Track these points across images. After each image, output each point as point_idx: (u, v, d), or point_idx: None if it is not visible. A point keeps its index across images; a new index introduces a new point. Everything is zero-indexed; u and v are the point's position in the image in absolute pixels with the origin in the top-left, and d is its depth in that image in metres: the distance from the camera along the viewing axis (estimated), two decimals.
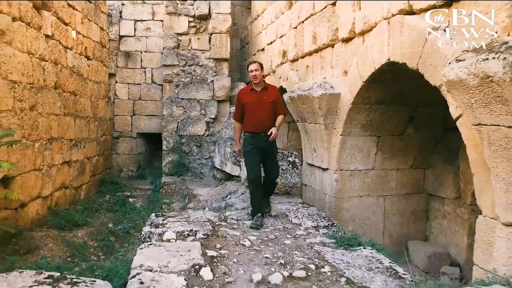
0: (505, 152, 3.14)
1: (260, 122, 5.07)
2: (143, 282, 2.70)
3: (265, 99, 5.12)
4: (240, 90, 5.61)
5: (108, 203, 8.97)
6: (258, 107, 5.10)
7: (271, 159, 5.27)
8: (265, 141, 5.05)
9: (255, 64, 5.17)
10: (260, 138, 5.07)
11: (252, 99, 5.16)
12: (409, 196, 6.86)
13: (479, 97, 3.16)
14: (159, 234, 3.85)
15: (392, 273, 3.26)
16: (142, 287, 2.62)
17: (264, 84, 5.27)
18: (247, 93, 5.29)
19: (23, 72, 6.35)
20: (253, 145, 5.09)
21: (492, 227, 3.42)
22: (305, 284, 2.88)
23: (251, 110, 5.15)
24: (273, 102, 5.16)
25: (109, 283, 3.26)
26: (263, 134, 5.04)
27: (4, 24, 5.80)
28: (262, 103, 5.10)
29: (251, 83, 5.29)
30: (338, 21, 6.26)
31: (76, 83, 8.90)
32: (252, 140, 5.13)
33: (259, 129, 5.07)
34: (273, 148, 5.27)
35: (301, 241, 4.09)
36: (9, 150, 5.75)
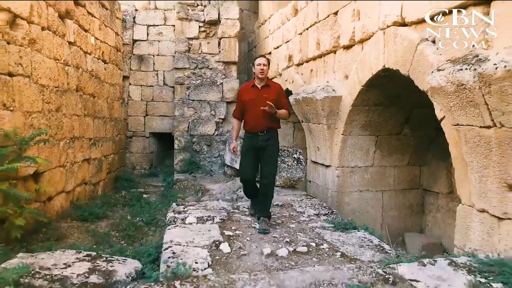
0: (478, 148, 3.67)
1: (258, 121, 4.76)
2: (175, 252, 3.30)
3: (265, 97, 4.71)
4: (242, 87, 5.32)
5: (124, 199, 9.54)
6: (256, 105, 4.73)
7: (268, 163, 4.81)
8: (263, 140, 4.76)
9: (264, 59, 4.94)
10: (257, 138, 4.78)
11: (251, 96, 4.86)
12: (406, 191, 7.37)
13: (456, 101, 3.70)
14: (182, 219, 4.45)
15: (379, 249, 3.83)
16: (175, 255, 3.23)
17: (267, 81, 4.96)
18: (247, 89, 5.00)
19: (50, 77, 6.95)
20: (249, 146, 4.85)
21: (469, 214, 3.95)
22: (306, 257, 3.45)
23: (250, 108, 4.82)
24: (273, 101, 4.72)
25: (138, 261, 3.84)
26: (260, 133, 4.76)
27: (35, 33, 6.39)
28: (261, 101, 4.69)
29: (254, 78, 4.96)
30: (340, 30, 6.80)
31: (95, 85, 9.49)
32: (249, 141, 4.88)
33: (256, 129, 4.78)
34: (272, 150, 4.86)
35: (304, 225, 4.67)
36: (39, 147, 6.34)
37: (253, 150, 4.82)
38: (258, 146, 4.78)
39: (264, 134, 4.76)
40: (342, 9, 6.68)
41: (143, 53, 12.60)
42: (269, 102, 4.60)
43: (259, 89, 4.84)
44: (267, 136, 4.76)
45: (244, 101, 4.92)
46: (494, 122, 3.41)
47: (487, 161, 3.62)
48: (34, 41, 6.36)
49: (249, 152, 4.85)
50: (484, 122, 3.51)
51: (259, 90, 4.84)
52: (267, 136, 4.77)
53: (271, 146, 4.81)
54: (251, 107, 4.80)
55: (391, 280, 2.62)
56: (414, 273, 2.75)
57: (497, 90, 3.18)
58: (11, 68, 5.67)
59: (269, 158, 4.80)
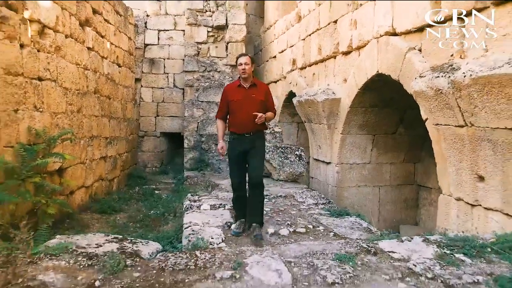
0: (454, 145, 4.24)
1: (246, 123, 4.52)
2: (194, 230, 3.92)
3: (254, 97, 4.56)
4: (226, 87, 4.93)
5: (138, 194, 10.16)
6: (244, 106, 4.52)
7: (253, 158, 4.58)
8: (250, 141, 4.56)
9: (246, 57, 4.63)
10: (244, 139, 4.56)
11: (238, 96, 4.58)
12: (401, 186, 7.93)
13: (435, 104, 4.26)
14: (197, 206, 5.07)
15: (367, 230, 4.42)
16: (194, 232, 3.85)
17: (253, 80, 4.70)
18: (234, 89, 4.69)
19: (72, 80, 7.57)
20: (238, 151, 4.61)
21: (448, 202, 4.52)
22: (304, 236, 4.04)
23: (237, 108, 4.57)
24: (262, 102, 4.61)
25: (158, 243, 4.44)
26: (246, 135, 4.55)
27: (60, 41, 7.01)
28: (249, 102, 4.53)
29: (239, 78, 4.71)
30: (339, 37, 7.37)
31: (110, 88, 10.12)
32: (236, 143, 4.62)
33: (244, 130, 4.55)
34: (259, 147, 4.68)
35: (303, 212, 5.26)
36: (64, 145, 6.96)
37: (240, 154, 4.60)
38: (246, 149, 4.57)
39: (251, 136, 4.56)
40: (341, 18, 7.25)
41: (154, 56, 13.22)
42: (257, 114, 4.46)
43: (246, 89, 4.59)
44: (253, 138, 4.57)
45: (230, 101, 4.62)
46: (465, 122, 3.97)
47: (462, 155, 4.18)
48: (59, 48, 6.98)
49: (237, 157, 4.62)
50: (458, 122, 4.08)
51: (246, 90, 4.59)
52: (255, 137, 4.58)
53: (258, 146, 4.62)
54: (239, 107, 4.55)
55: (372, 251, 3.19)
56: (393, 247, 3.33)
57: (466, 94, 3.75)
58: (40, 73, 6.29)
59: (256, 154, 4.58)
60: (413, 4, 5.09)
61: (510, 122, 3.45)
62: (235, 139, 4.63)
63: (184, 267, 2.82)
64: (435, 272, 2.80)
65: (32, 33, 6.10)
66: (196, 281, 2.64)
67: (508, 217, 3.68)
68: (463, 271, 2.83)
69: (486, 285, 2.61)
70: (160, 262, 2.95)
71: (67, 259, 3.03)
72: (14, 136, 5.54)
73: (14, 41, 5.56)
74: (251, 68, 4.63)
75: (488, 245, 3.31)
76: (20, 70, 5.70)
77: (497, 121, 3.58)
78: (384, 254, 3.18)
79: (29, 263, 2.89)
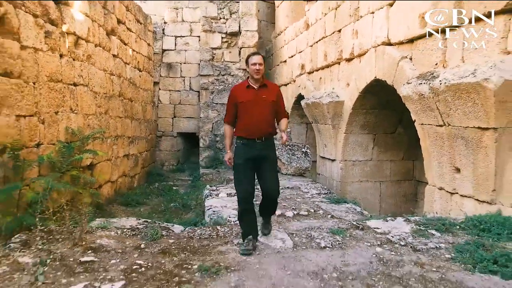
0: (436, 141, 4.93)
1: (257, 126, 4.03)
2: (214, 211, 4.71)
3: (264, 98, 4.10)
4: (234, 87, 4.38)
5: (157, 190, 10.97)
6: (255, 108, 4.06)
7: (269, 171, 4.08)
8: (261, 149, 4.02)
9: (259, 57, 4.16)
10: (255, 146, 4.00)
11: (248, 98, 4.10)
12: (400, 182, 8.60)
13: (420, 106, 4.97)
14: (216, 194, 5.87)
15: (360, 214, 5.16)
16: (214, 212, 4.63)
17: (264, 80, 4.21)
18: (243, 90, 4.19)
19: (101, 85, 8.39)
20: (246, 157, 3.99)
21: (433, 191, 5.21)
22: (306, 217, 4.75)
23: (247, 111, 4.08)
24: (274, 103, 4.15)
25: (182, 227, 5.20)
26: (258, 140, 4.01)
27: (91, 50, 7.84)
28: (260, 103, 4.08)
29: (248, 79, 4.24)
30: (342, 45, 8.08)
31: (132, 91, 10.95)
32: (245, 150, 4.03)
33: (255, 135, 4.01)
34: (271, 157, 4.15)
35: (307, 200, 5.99)
36: (94, 143, 7.77)
37: (251, 162, 4.00)
38: (256, 156, 3.99)
39: (263, 142, 4.03)
40: (344, 28, 7.96)
41: (171, 61, 14.05)
42: (284, 136, 4.10)
43: (256, 90, 4.13)
44: (266, 144, 4.06)
45: (240, 103, 4.12)
46: (444, 122, 4.67)
47: (442, 151, 4.88)
48: (90, 56, 7.80)
49: (245, 165, 4.00)
50: (438, 122, 4.77)
51: (256, 91, 4.12)
52: (266, 143, 4.07)
53: (270, 155, 4.13)
54: (249, 109, 4.07)
55: (360, 227, 3.92)
56: (378, 225, 4.04)
57: (443, 99, 4.45)
58: (75, 79, 7.11)
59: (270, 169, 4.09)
60: (405, 19, 5.79)
61: (476, 122, 4.14)
62: (244, 144, 4.05)
63: (208, 236, 3.59)
64: (407, 241, 3.53)
65: (69, 44, 6.92)
66: (218, 245, 3.40)
67: (478, 202, 4.36)
68: (431, 240, 3.55)
69: (445, 249, 3.32)
70: (189, 233, 3.72)
71: (114, 231, 3.81)
72: (55, 135, 6.36)
73: (56, 52, 6.39)
74: (264, 69, 4.18)
75: (457, 224, 4.02)
76: (60, 77, 6.52)
77: (467, 121, 4.27)
78: (370, 230, 3.91)
79: (87, 233, 3.67)
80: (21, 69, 5.40)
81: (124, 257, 3.14)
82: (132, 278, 2.74)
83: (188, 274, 2.86)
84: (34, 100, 5.76)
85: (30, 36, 5.63)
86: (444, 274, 2.83)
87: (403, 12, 5.87)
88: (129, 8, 10.60)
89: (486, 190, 4.23)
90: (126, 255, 3.18)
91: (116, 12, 9.40)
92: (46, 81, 6.09)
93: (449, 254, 3.21)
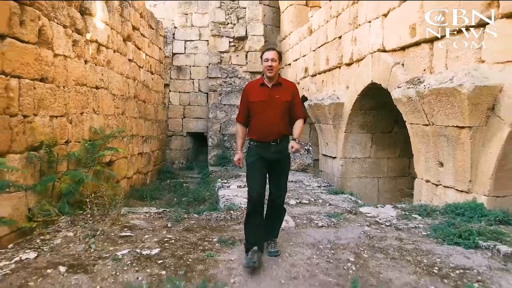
0: (423, 139, 5.56)
1: (269, 129, 3.77)
2: (227, 199, 5.38)
3: (278, 98, 3.82)
4: (247, 85, 4.12)
5: (169, 186, 11.65)
6: (267, 109, 3.80)
7: (279, 177, 3.87)
8: (275, 152, 3.76)
9: (273, 52, 3.85)
10: (269, 148, 3.76)
11: (261, 97, 3.84)
12: (397, 178, 9.21)
13: (408, 108, 5.60)
14: (227, 186, 6.55)
15: (354, 202, 5.82)
16: (227, 200, 5.29)
17: (279, 78, 3.93)
18: (256, 89, 3.94)
19: (118, 88, 9.07)
20: (259, 156, 3.78)
21: (421, 183, 5.84)
22: (307, 205, 5.39)
23: (259, 111, 3.84)
24: (288, 103, 3.85)
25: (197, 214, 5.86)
26: (272, 143, 3.76)
27: (110, 56, 8.52)
28: (272, 104, 3.81)
29: (262, 76, 3.97)
30: (343, 50, 8.71)
31: (145, 93, 11.63)
32: (257, 150, 3.81)
33: (268, 137, 3.77)
34: (285, 163, 3.91)
35: (308, 191, 6.66)
36: (113, 142, 8.45)
37: (263, 161, 3.77)
38: (269, 158, 3.77)
39: (277, 144, 3.77)
40: (344, 35, 8.60)
41: (181, 64, 14.74)
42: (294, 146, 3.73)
43: (270, 88, 3.85)
44: (280, 147, 3.79)
45: (252, 102, 3.89)
46: (429, 121, 5.29)
47: (428, 147, 5.50)
48: (109, 62, 8.48)
49: (258, 163, 3.77)
50: (424, 121, 5.40)
51: (270, 89, 3.85)
52: (281, 146, 3.80)
53: (284, 159, 3.88)
54: (262, 110, 3.82)
55: (353, 212, 4.56)
56: (369, 210, 4.68)
57: (427, 101, 5.08)
58: (97, 83, 7.79)
59: (282, 174, 3.88)
60: (397, 29, 6.42)
61: (455, 122, 4.76)
62: (257, 146, 3.82)
63: (223, 218, 4.24)
64: (392, 222, 4.17)
65: (92, 51, 7.60)
66: (232, 225, 4.06)
67: (458, 191, 4.98)
68: (412, 222, 4.19)
69: (423, 229, 3.96)
70: (207, 216, 4.38)
71: (143, 215, 4.48)
72: (80, 133, 7.04)
73: (81, 59, 7.07)
74: (278, 66, 3.87)
75: (437, 210, 4.66)
76: (84, 81, 7.20)
77: (447, 120, 4.90)
78: (361, 214, 4.56)
79: (120, 215, 4.33)
80: (54, 74, 6.09)
81: (155, 233, 3.79)
82: (165, 246, 3.40)
83: (210, 244, 3.52)
84: (64, 102, 6.44)
85: (61, 45, 6.31)
86: (418, 246, 3.47)
87: (396, 23, 6.50)
88: (143, 15, 11.28)
89: (464, 181, 4.85)
90: (157, 232, 3.83)
91: (131, 20, 10.08)
92: (73, 85, 6.77)
93: (425, 232, 3.84)
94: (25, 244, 3.41)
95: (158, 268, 2.92)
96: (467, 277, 2.81)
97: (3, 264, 2.88)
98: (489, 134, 4.53)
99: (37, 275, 2.69)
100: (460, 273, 2.87)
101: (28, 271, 2.77)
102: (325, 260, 3.17)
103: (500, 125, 4.39)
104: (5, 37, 4.87)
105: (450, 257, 3.18)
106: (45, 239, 3.53)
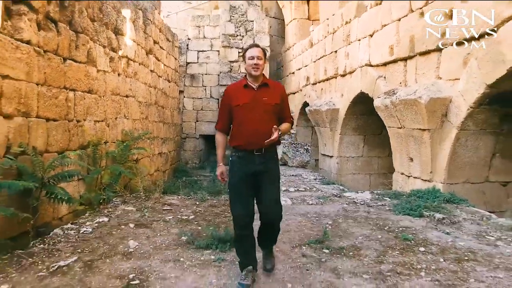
0: (398, 139, 6.85)
1: (255, 135, 3.25)
2: None
3: (265, 100, 3.33)
4: (228, 87, 3.60)
5: (184, 183, 12.97)
6: (253, 113, 3.31)
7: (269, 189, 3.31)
8: (261, 163, 3.28)
9: (257, 49, 3.37)
10: (253, 160, 3.27)
11: (244, 100, 3.34)
12: (386, 174, 10.43)
13: (386, 114, 6.89)
14: None
15: (342, 190, 7.10)
16: None
17: (264, 79, 3.42)
18: (239, 91, 3.41)
19: (143, 96, 10.44)
20: (242, 174, 3.28)
21: (398, 176, 7.12)
22: (303, 191, 6.69)
23: (243, 117, 3.33)
24: (277, 106, 3.40)
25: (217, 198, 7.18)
26: (257, 153, 3.27)
27: (136, 68, 9.88)
28: (259, 107, 3.33)
29: (246, 76, 3.46)
30: (338, 63, 10.02)
31: (164, 99, 13.00)
32: (241, 165, 3.30)
33: (253, 146, 3.26)
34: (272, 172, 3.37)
35: (305, 182, 7.97)
36: (138, 143, 9.80)
37: (247, 181, 3.28)
38: (253, 172, 3.27)
39: (262, 154, 3.30)
40: (339, 50, 9.91)
41: (194, 72, 16.11)
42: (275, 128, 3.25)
43: (256, 90, 3.37)
44: (266, 157, 3.32)
45: (235, 106, 3.37)
46: (401, 125, 6.59)
47: (402, 146, 6.79)
48: (136, 73, 9.85)
49: (241, 186, 3.29)
50: (398, 125, 6.69)
51: (255, 91, 3.37)
52: (267, 156, 3.33)
53: (271, 170, 3.38)
54: (246, 115, 3.33)
55: (338, 196, 5.86)
56: (351, 195, 5.97)
57: (398, 109, 6.37)
58: (127, 92, 9.15)
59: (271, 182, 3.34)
60: (380, 47, 7.72)
61: (419, 125, 6.05)
62: (240, 158, 3.32)
63: None
64: (366, 202, 5.47)
65: (123, 65, 8.97)
66: None
67: (423, 181, 6.27)
68: (381, 202, 5.48)
69: (387, 206, 5.26)
70: (225, 198, 5.70)
71: (176, 197, 5.81)
72: (115, 135, 8.39)
73: (115, 72, 8.43)
74: (264, 64, 3.40)
75: (404, 194, 5.95)
76: (118, 91, 8.56)
77: (414, 124, 6.19)
78: (344, 197, 5.86)
79: (159, 197, 5.67)
80: (97, 87, 7.45)
81: (188, 208, 5.12)
82: (197, 214, 4.73)
83: (230, 214, 4.84)
84: (103, 109, 7.80)
85: (101, 62, 7.68)
86: (380, 216, 4.77)
87: (379, 43, 7.81)
88: (161, 30, 12.66)
89: (427, 172, 6.14)
90: (189, 207, 5.16)
91: (152, 35, 11.45)
92: (110, 94, 8.13)
93: (388, 208, 5.14)
94: (95, 214, 4.75)
95: (195, 225, 4.24)
96: (406, 232, 4.10)
97: (88, 223, 4.22)
98: (443, 135, 5.82)
99: (116, 228, 4.02)
100: (402, 229, 4.17)
101: (107, 227, 4.09)
102: (311, 223, 4.49)
103: (450, 128, 5.68)
104: (66, 60, 6.24)
105: (400, 222, 4.47)
106: (109, 211, 4.86)
